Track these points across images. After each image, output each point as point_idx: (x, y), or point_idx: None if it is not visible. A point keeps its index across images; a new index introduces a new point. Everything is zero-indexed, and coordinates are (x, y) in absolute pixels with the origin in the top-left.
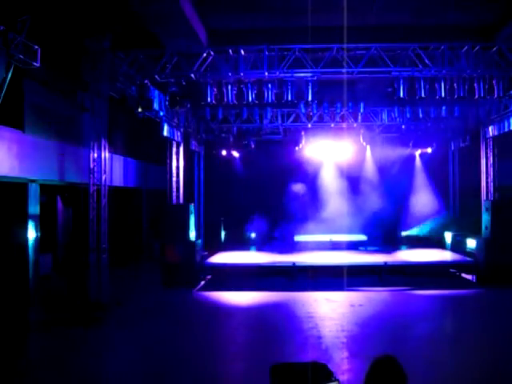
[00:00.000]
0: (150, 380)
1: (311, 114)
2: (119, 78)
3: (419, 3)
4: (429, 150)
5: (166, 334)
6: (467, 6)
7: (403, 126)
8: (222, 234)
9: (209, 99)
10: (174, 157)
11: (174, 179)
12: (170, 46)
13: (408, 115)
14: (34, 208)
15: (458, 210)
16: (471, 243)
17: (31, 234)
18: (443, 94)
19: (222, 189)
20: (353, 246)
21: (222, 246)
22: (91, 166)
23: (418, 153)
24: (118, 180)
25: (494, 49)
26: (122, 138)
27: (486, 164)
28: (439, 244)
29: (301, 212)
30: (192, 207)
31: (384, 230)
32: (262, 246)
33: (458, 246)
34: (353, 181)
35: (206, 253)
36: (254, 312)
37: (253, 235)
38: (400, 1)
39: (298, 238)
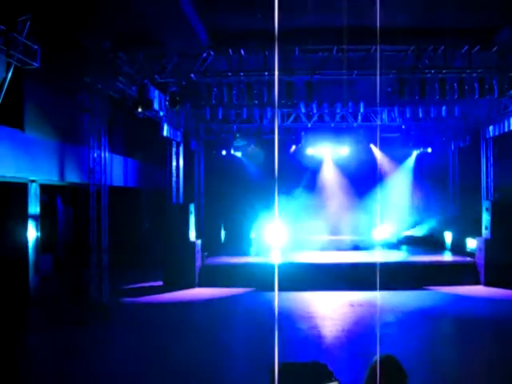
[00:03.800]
0: (151, 379)
1: (311, 113)
2: (119, 78)
3: (419, 4)
4: (429, 150)
5: (166, 333)
6: (467, 6)
7: (403, 126)
8: (222, 234)
9: (209, 99)
10: (174, 157)
11: (174, 179)
12: (170, 45)
13: (408, 115)
14: (33, 208)
15: (458, 210)
16: (471, 243)
17: (31, 234)
18: (443, 94)
19: (222, 189)
20: (354, 246)
21: (223, 247)
22: (91, 165)
23: (415, 153)
24: (117, 180)
25: (494, 49)
26: (122, 137)
27: (486, 164)
28: (439, 244)
29: (300, 211)
30: (192, 207)
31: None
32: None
33: (457, 246)
34: (353, 180)
35: (206, 253)
36: (254, 311)
37: (253, 235)
38: (400, 2)
39: (299, 237)
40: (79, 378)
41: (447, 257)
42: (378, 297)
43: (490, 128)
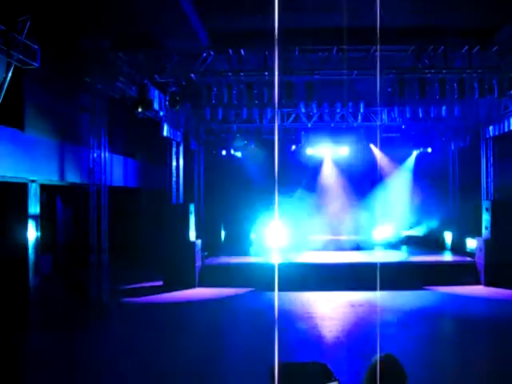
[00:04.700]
0: (151, 379)
1: (311, 113)
2: (119, 78)
3: (419, 4)
4: (429, 150)
5: (166, 333)
6: (467, 6)
7: (403, 126)
8: (222, 234)
9: (209, 99)
10: (174, 157)
11: (174, 179)
12: (170, 45)
13: (408, 115)
14: (33, 208)
15: (458, 209)
16: (471, 243)
17: (31, 234)
18: (443, 94)
19: (222, 189)
20: (355, 246)
21: (223, 247)
22: (91, 165)
23: (415, 153)
24: (117, 180)
25: (494, 49)
26: (122, 138)
27: (486, 164)
28: (439, 244)
29: (300, 211)
30: (192, 207)
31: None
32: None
33: (458, 246)
34: (353, 180)
35: (205, 253)
36: (253, 311)
37: (253, 235)
38: (400, 2)
39: (299, 237)
40: (79, 378)
41: (447, 257)
42: (378, 297)
43: (490, 128)
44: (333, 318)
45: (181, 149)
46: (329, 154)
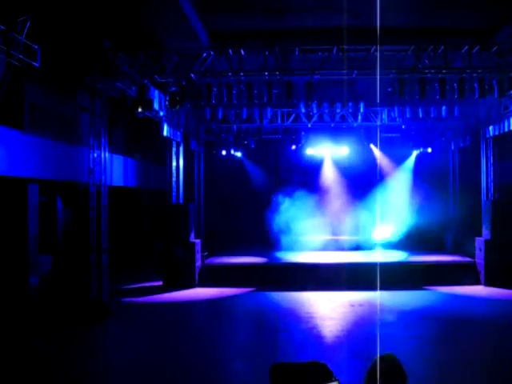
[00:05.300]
0: (151, 380)
1: (311, 113)
2: (119, 78)
3: (419, 4)
4: (429, 150)
5: (166, 333)
6: (467, 6)
7: (403, 126)
8: (222, 234)
9: (209, 99)
10: (174, 157)
11: (174, 179)
12: (170, 45)
13: (408, 115)
14: (33, 208)
15: (458, 210)
16: (471, 243)
17: (31, 234)
18: (443, 94)
19: (222, 189)
20: (355, 246)
21: (224, 246)
22: (91, 165)
23: (415, 153)
24: (117, 180)
25: (494, 49)
26: (122, 137)
27: (486, 164)
28: (439, 244)
29: (300, 211)
30: (192, 207)
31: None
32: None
33: (457, 246)
34: (353, 180)
35: (206, 253)
36: (253, 312)
37: (253, 235)
38: (400, 2)
39: (299, 237)
40: (79, 378)
41: (447, 257)
42: (378, 297)
43: (490, 128)
44: (333, 318)
45: (181, 149)
46: (329, 154)
